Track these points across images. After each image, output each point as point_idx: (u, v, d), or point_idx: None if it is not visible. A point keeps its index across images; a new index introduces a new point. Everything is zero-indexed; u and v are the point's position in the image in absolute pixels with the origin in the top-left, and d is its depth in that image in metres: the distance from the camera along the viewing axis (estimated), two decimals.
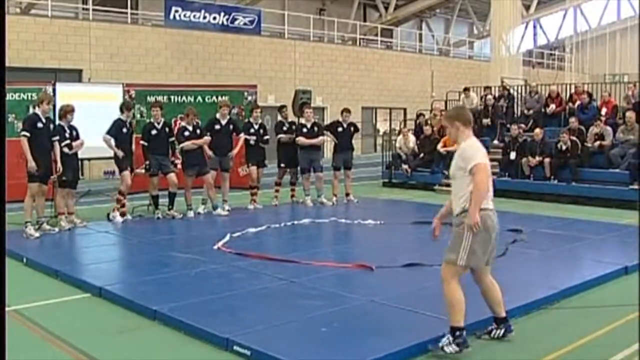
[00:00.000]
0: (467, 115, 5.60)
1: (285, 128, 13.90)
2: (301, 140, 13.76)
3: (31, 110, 11.50)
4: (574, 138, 15.44)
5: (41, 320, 6.19)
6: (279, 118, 14.22)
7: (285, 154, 13.95)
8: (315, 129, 13.88)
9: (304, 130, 13.81)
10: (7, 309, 6.42)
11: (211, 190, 12.46)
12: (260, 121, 13.47)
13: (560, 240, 9.89)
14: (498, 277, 7.58)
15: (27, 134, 9.99)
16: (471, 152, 5.33)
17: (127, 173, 11.64)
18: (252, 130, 13.23)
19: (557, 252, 9.09)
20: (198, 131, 12.32)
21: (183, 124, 12.50)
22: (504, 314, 5.60)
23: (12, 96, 13.04)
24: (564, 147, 15.37)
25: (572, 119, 16.17)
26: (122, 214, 11.70)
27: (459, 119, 5.51)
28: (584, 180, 15.00)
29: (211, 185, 12.41)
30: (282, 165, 13.92)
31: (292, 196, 14.36)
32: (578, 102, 17.54)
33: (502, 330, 5.57)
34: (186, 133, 12.21)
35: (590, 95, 18.02)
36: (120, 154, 11.53)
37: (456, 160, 5.42)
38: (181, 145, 12.16)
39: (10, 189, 11.49)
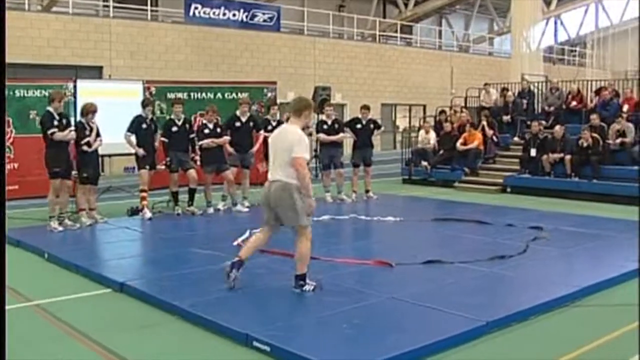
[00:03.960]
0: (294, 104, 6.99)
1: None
2: (322, 136, 13.77)
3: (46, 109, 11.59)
4: (595, 135, 15.31)
5: (63, 315, 6.24)
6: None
7: None
8: (336, 125, 13.87)
9: (325, 127, 13.80)
10: (30, 303, 6.54)
11: (231, 187, 12.49)
12: (278, 118, 13.47)
13: (582, 238, 9.78)
14: (519, 274, 7.61)
15: (54, 130, 10.08)
16: None
17: (143, 171, 11.72)
18: (269, 127, 13.22)
19: (578, 250, 9.03)
20: (218, 129, 12.35)
21: (204, 121, 12.54)
22: None
23: (33, 93, 13.12)
24: (585, 144, 15.25)
25: (594, 116, 16.06)
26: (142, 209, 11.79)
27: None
28: (605, 178, 14.86)
29: (231, 181, 12.44)
30: None
31: None
32: (600, 99, 17.41)
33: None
34: (206, 130, 12.24)
35: (617, 93, 17.90)
36: (141, 152, 11.56)
37: None
38: (200, 142, 12.20)
39: (31, 185, 11.58)
